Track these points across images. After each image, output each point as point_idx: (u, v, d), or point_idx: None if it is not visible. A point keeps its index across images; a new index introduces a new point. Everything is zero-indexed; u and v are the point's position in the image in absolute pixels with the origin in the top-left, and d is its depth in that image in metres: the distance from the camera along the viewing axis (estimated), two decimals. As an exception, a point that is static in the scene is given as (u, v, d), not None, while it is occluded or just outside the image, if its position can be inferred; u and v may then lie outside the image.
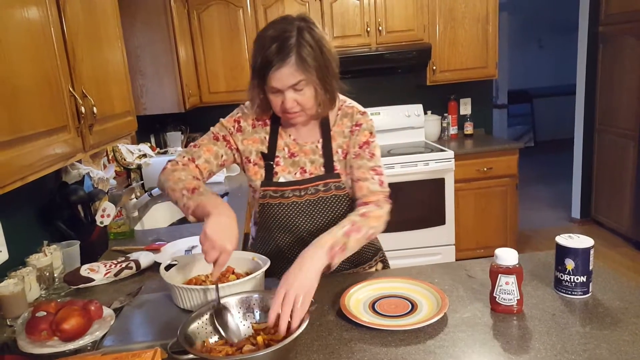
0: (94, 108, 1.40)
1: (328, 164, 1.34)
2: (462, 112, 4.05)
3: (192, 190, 1.19)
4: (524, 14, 7.23)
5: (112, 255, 1.76)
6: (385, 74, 3.90)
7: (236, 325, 1.06)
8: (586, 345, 0.97)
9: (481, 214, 3.57)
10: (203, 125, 2.04)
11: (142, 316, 1.20)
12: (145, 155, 2.81)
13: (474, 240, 3.60)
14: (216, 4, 3.43)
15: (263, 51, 1.17)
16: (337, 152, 1.35)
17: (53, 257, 1.51)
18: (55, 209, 1.74)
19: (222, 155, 1.36)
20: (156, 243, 1.81)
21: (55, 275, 1.51)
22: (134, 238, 2.02)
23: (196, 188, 1.20)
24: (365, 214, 1.23)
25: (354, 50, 3.50)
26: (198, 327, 1.03)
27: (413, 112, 3.83)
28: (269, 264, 1.26)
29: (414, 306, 1.16)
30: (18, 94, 1.05)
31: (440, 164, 3.35)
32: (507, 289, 1.10)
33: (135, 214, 2.29)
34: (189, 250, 1.74)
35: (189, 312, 1.11)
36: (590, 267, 1.14)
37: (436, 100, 3.99)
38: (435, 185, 3.41)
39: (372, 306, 1.17)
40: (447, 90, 3.90)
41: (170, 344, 0.94)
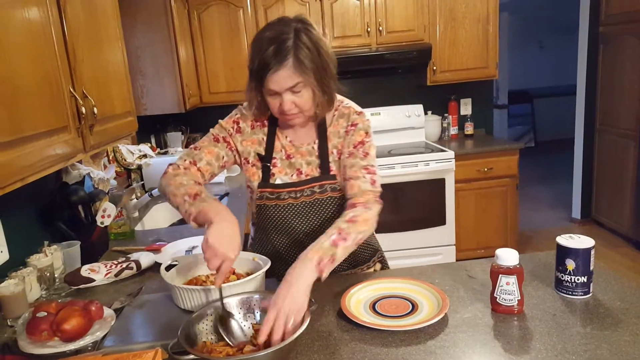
0: (95, 108, 1.40)
1: (324, 165, 1.34)
2: (463, 113, 4.05)
3: (194, 196, 1.17)
4: (525, 14, 7.23)
5: (113, 256, 1.76)
6: (385, 74, 3.90)
7: (240, 329, 1.06)
8: (587, 345, 0.97)
9: (482, 214, 3.56)
10: (203, 125, 2.04)
11: (143, 316, 1.20)
12: (145, 155, 2.81)
13: (474, 241, 3.60)
14: (216, 4, 3.43)
15: (260, 53, 1.16)
16: (333, 153, 1.34)
17: (54, 258, 1.51)
18: (55, 210, 1.74)
19: (223, 156, 1.36)
20: (156, 243, 1.82)
21: (55, 275, 1.51)
22: (134, 238, 2.02)
23: (198, 194, 1.18)
24: (352, 218, 1.20)
25: (354, 50, 3.49)
26: (199, 328, 1.03)
27: (413, 113, 3.83)
28: (269, 264, 1.26)
29: (414, 306, 1.16)
30: (19, 94, 1.05)
31: (441, 164, 3.35)
32: (508, 289, 1.10)
33: (136, 214, 2.29)
34: (189, 251, 1.74)
35: (189, 313, 1.12)
36: (591, 268, 1.14)
37: (436, 100, 3.99)
38: (436, 186, 3.41)
39: (373, 306, 1.17)
40: (448, 90, 3.90)
41: (171, 345, 0.95)
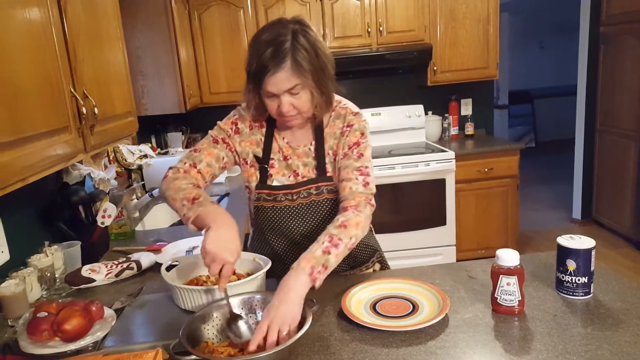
0: (95, 109, 1.40)
1: (320, 166, 1.33)
2: (463, 113, 4.05)
3: (192, 200, 1.18)
4: (525, 15, 7.23)
5: (113, 256, 1.76)
6: (386, 74, 3.89)
7: (248, 330, 1.05)
8: (588, 346, 0.97)
9: (482, 214, 3.56)
10: (204, 125, 2.04)
11: (144, 317, 1.20)
12: (146, 155, 2.81)
13: (474, 241, 3.59)
14: (217, 5, 3.43)
15: (258, 56, 1.15)
16: (329, 154, 1.34)
17: (54, 258, 1.51)
18: (56, 210, 1.74)
19: (223, 157, 1.36)
20: (157, 243, 1.82)
21: (56, 275, 1.51)
22: (134, 238, 2.02)
23: (196, 198, 1.18)
24: (343, 223, 1.19)
25: (354, 50, 3.49)
26: (200, 328, 1.03)
27: (414, 113, 3.83)
28: (270, 264, 1.26)
29: (415, 307, 1.16)
30: (19, 94, 1.05)
31: (441, 165, 3.35)
32: (509, 289, 1.10)
33: (136, 214, 2.29)
34: (190, 251, 1.74)
35: (190, 313, 1.12)
36: (592, 268, 1.14)
37: (437, 100, 3.99)
38: (436, 186, 3.41)
39: (373, 307, 1.17)
40: (448, 90, 3.90)
41: (172, 345, 0.95)
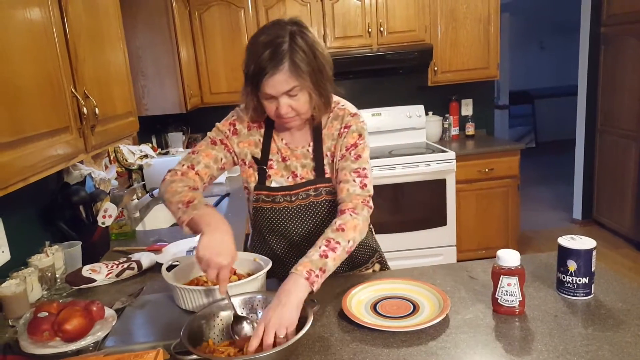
0: (96, 109, 1.40)
1: (319, 167, 1.33)
2: (464, 113, 4.05)
3: (187, 203, 1.18)
4: (526, 15, 7.23)
5: (114, 256, 1.76)
6: (386, 74, 3.89)
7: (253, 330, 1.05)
8: (588, 346, 0.97)
9: (482, 214, 3.56)
10: (204, 125, 2.04)
11: (144, 317, 1.20)
12: (146, 155, 2.81)
13: (475, 241, 3.59)
14: (217, 5, 3.43)
15: (256, 58, 1.15)
16: (327, 156, 1.34)
17: (55, 258, 1.51)
18: (57, 210, 1.74)
19: (222, 158, 1.36)
20: (158, 244, 1.82)
21: (57, 275, 1.51)
22: (135, 239, 2.02)
23: (190, 201, 1.18)
24: (340, 227, 1.19)
25: (355, 51, 3.49)
26: (201, 328, 1.03)
27: (414, 113, 3.83)
28: (270, 264, 1.26)
29: (415, 307, 1.16)
30: (20, 94, 1.05)
31: (442, 165, 3.35)
32: (509, 290, 1.10)
33: (137, 214, 2.29)
34: (190, 251, 1.74)
35: (191, 313, 1.12)
36: (593, 269, 1.14)
37: (437, 101, 3.99)
38: (437, 186, 3.41)
39: (374, 307, 1.17)
40: (449, 91, 3.90)
41: (173, 345, 0.95)
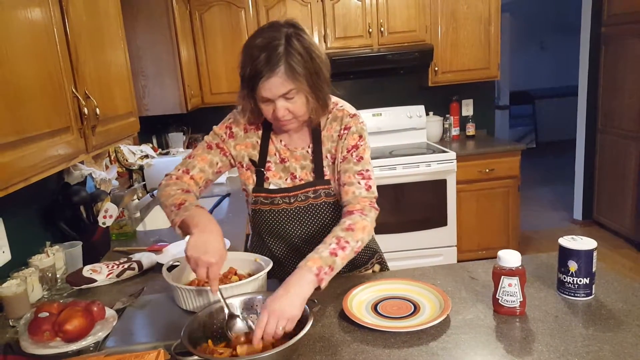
0: (97, 109, 1.40)
1: (318, 169, 1.33)
2: (464, 113, 4.05)
3: (179, 205, 1.20)
4: (526, 15, 7.23)
5: (114, 256, 1.76)
6: (387, 75, 3.89)
7: (248, 327, 1.06)
8: (589, 347, 0.97)
9: (483, 215, 3.56)
10: (205, 126, 2.04)
11: (145, 317, 1.20)
12: (147, 156, 2.82)
13: (475, 242, 3.59)
14: (218, 5, 3.43)
15: (251, 61, 1.14)
16: (327, 157, 1.33)
17: (55, 258, 1.51)
18: (57, 210, 1.74)
19: (217, 162, 1.36)
20: (158, 244, 1.82)
21: (57, 276, 1.51)
22: (136, 239, 2.02)
23: (182, 203, 1.20)
24: (350, 226, 1.19)
25: (355, 51, 3.49)
26: (201, 328, 1.03)
27: (415, 113, 3.83)
28: (271, 265, 1.26)
29: (416, 308, 1.16)
30: (21, 95, 1.05)
31: (442, 165, 3.35)
32: (510, 290, 1.10)
33: (137, 214, 2.29)
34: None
35: (191, 313, 1.12)
36: (594, 269, 1.14)
37: (438, 101, 3.99)
38: (437, 187, 3.41)
39: (375, 308, 1.17)
40: (449, 91, 3.90)
41: (174, 345, 0.95)
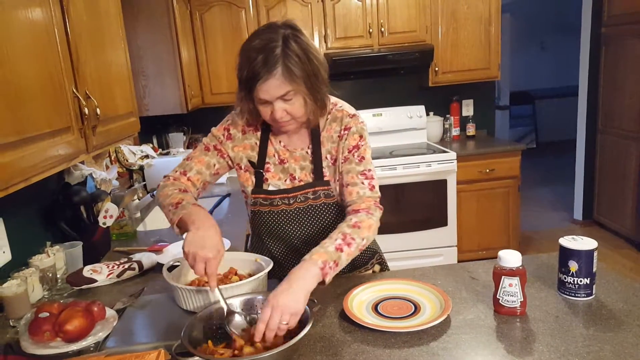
0: (97, 109, 1.40)
1: (317, 170, 1.32)
2: (464, 114, 4.05)
3: (176, 204, 1.20)
4: (526, 16, 7.23)
5: (115, 256, 1.76)
6: (387, 75, 3.89)
7: (248, 323, 1.06)
8: (590, 347, 0.97)
9: (483, 215, 3.56)
10: (205, 126, 2.04)
11: (145, 317, 1.20)
12: (147, 156, 2.82)
13: (476, 242, 3.59)
14: (218, 5, 3.43)
15: (249, 63, 1.14)
16: (327, 158, 1.33)
17: (56, 258, 1.51)
18: (58, 210, 1.74)
19: (215, 164, 1.36)
20: (159, 244, 1.81)
21: (58, 276, 1.51)
22: (136, 239, 2.02)
23: (179, 202, 1.21)
24: (356, 224, 1.19)
25: (356, 51, 3.49)
26: (201, 329, 1.03)
27: (415, 114, 3.83)
28: (271, 265, 1.26)
29: (417, 308, 1.16)
30: (22, 95, 1.05)
31: (443, 165, 3.35)
32: (511, 290, 1.10)
33: (138, 214, 2.29)
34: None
35: (192, 313, 1.12)
36: (594, 269, 1.14)
37: (438, 101, 3.99)
38: (438, 187, 3.41)
39: (375, 308, 1.17)
40: (450, 91, 3.90)
41: (174, 346, 0.94)
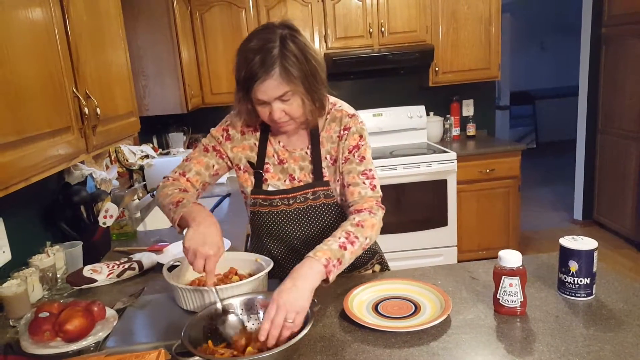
0: (98, 109, 1.40)
1: (317, 170, 1.32)
2: (465, 114, 4.05)
3: (176, 203, 1.21)
4: (527, 16, 7.23)
5: (115, 256, 1.76)
6: (387, 75, 3.89)
7: (241, 324, 1.06)
8: (590, 347, 0.97)
9: (483, 215, 3.56)
10: (205, 126, 2.04)
11: (145, 317, 1.20)
12: (147, 156, 2.82)
13: (476, 242, 3.59)
14: (219, 5, 3.43)
15: (246, 64, 1.14)
16: (326, 159, 1.33)
17: (56, 258, 1.51)
18: (58, 210, 1.74)
19: (214, 165, 1.36)
20: (159, 244, 1.81)
21: (58, 276, 1.51)
22: (136, 239, 2.02)
23: (180, 201, 1.21)
24: (360, 222, 1.19)
25: (356, 51, 3.49)
26: (201, 329, 1.03)
27: (415, 114, 3.83)
28: (272, 265, 1.26)
29: (417, 308, 1.16)
30: (22, 95, 1.05)
31: (443, 166, 3.35)
32: (511, 290, 1.10)
33: (138, 214, 2.29)
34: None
35: (192, 313, 1.12)
36: (594, 269, 1.14)
37: (439, 101, 3.99)
38: (438, 187, 3.41)
39: (375, 308, 1.17)
40: (450, 91, 3.90)
41: (175, 346, 0.94)
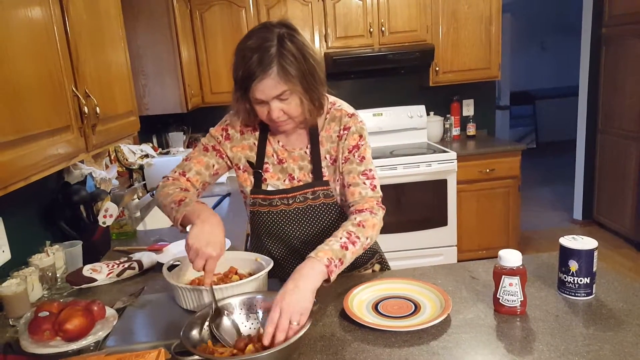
0: (97, 108, 1.40)
1: (316, 170, 1.32)
2: (465, 113, 4.05)
3: (179, 202, 1.20)
4: (527, 16, 7.23)
5: (115, 256, 1.76)
6: (388, 74, 3.89)
7: (234, 327, 1.06)
8: (590, 346, 0.97)
9: (483, 215, 3.56)
10: (205, 125, 2.04)
11: (145, 316, 1.20)
12: (147, 155, 2.82)
13: (476, 242, 3.59)
14: (219, 4, 3.43)
15: (244, 63, 1.14)
16: (326, 158, 1.33)
17: (55, 257, 1.51)
18: (57, 209, 1.74)
19: (214, 165, 1.36)
20: (158, 243, 1.81)
21: (57, 275, 1.51)
22: (136, 238, 2.02)
23: (182, 200, 1.21)
24: (360, 222, 1.20)
25: (356, 50, 3.49)
26: (201, 328, 1.03)
27: (416, 113, 3.83)
28: (272, 264, 1.26)
29: (417, 307, 1.16)
30: (21, 93, 1.05)
31: (443, 165, 3.35)
32: (511, 290, 1.10)
33: (138, 214, 2.29)
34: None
35: (192, 313, 1.12)
36: (594, 269, 1.14)
37: (439, 101, 3.99)
38: (438, 187, 3.41)
39: (375, 307, 1.17)
40: (450, 91, 3.90)
41: (174, 345, 0.94)
